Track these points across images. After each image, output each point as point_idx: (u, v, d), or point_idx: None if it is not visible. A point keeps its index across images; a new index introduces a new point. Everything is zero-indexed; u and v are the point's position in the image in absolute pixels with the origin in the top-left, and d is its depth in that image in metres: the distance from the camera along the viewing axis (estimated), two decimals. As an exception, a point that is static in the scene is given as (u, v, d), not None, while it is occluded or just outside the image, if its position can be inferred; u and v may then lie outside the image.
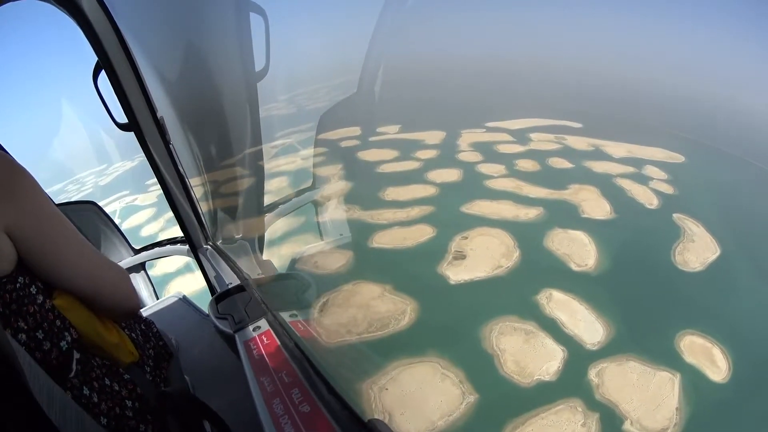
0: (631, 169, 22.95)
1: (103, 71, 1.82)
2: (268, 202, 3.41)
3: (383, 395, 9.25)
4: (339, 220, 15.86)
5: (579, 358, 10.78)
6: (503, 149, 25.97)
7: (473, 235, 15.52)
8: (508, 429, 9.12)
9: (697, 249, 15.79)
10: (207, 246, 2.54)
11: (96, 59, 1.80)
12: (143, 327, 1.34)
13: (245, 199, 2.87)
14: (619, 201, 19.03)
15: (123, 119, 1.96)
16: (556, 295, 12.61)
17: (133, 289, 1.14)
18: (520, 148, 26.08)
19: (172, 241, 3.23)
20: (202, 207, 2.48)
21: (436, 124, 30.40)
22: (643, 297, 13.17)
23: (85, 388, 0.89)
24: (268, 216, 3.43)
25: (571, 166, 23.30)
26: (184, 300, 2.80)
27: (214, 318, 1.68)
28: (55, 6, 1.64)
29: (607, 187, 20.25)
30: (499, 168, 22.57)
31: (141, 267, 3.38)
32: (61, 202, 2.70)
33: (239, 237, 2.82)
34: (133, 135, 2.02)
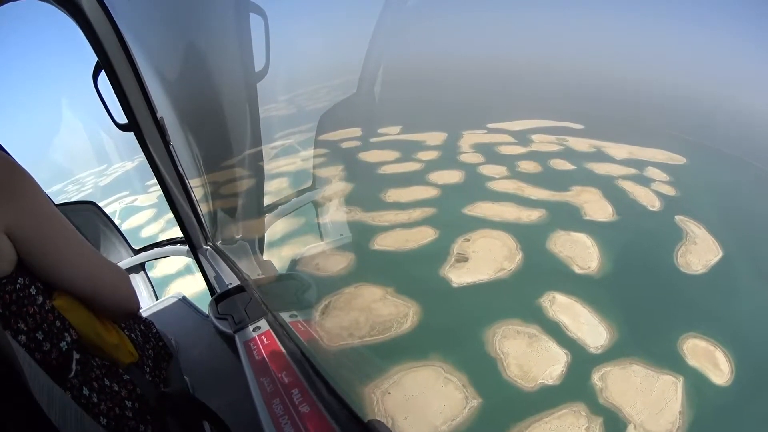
0: (632, 170, 22.96)
1: (103, 71, 1.82)
2: (268, 202, 3.41)
3: (386, 399, 9.19)
4: (340, 221, 15.84)
5: (582, 362, 10.74)
6: (505, 150, 25.97)
7: (475, 238, 15.48)
8: (511, 434, 9.07)
9: (699, 251, 15.79)
10: (207, 246, 2.54)
11: (96, 59, 1.80)
12: (143, 327, 1.34)
13: (245, 199, 2.86)
14: (622, 203, 19.03)
15: (123, 119, 1.95)
16: (560, 298, 12.56)
17: (133, 290, 1.14)
18: (522, 150, 26.09)
19: (171, 241, 3.23)
20: (202, 207, 2.47)
21: (437, 125, 30.40)
22: (646, 300, 13.14)
23: (84, 388, 0.88)
24: (268, 216, 3.43)
25: (572, 167, 23.30)
26: (183, 300, 2.80)
27: (213, 318, 1.67)
28: (56, 6, 1.63)
29: (609, 189, 20.24)
30: (501, 169, 22.57)
31: (141, 267, 3.37)
32: (60, 202, 2.69)
33: (239, 237, 2.81)
34: (133, 135, 2.01)
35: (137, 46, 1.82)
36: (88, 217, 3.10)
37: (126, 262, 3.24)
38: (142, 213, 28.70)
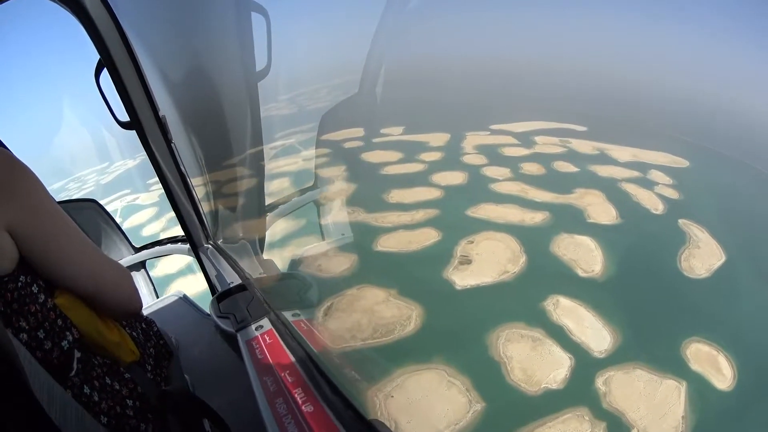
0: (636, 173, 22.93)
1: (105, 69, 1.80)
2: (270, 201, 3.40)
3: (389, 402, 9.13)
4: (343, 222, 15.76)
5: (586, 366, 10.68)
6: (508, 152, 25.94)
7: (479, 240, 15.41)
8: (515, 439, 9.03)
9: (703, 255, 15.76)
10: (208, 245, 2.52)
11: (98, 57, 1.78)
12: (144, 326, 1.34)
13: (246, 198, 2.84)
14: (625, 206, 18.98)
15: (125, 117, 1.94)
16: (563, 301, 12.49)
17: (135, 289, 1.12)
18: (525, 151, 26.07)
19: (172, 239, 3.21)
20: (204, 206, 2.46)
21: (440, 126, 30.36)
22: (649, 304, 13.09)
23: (85, 387, 0.88)
24: (270, 216, 3.41)
25: (576, 169, 23.26)
26: (184, 299, 2.81)
27: (215, 317, 1.65)
28: (58, 4, 1.62)
29: (613, 192, 20.20)
30: (504, 171, 22.52)
31: (141, 265, 3.36)
32: (61, 200, 2.70)
33: (240, 236, 2.79)
34: (135, 133, 2.00)
35: (139, 44, 1.81)
36: (89, 215, 3.08)
37: (127, 260, 3.23)
38: (143, 212, 28.67)
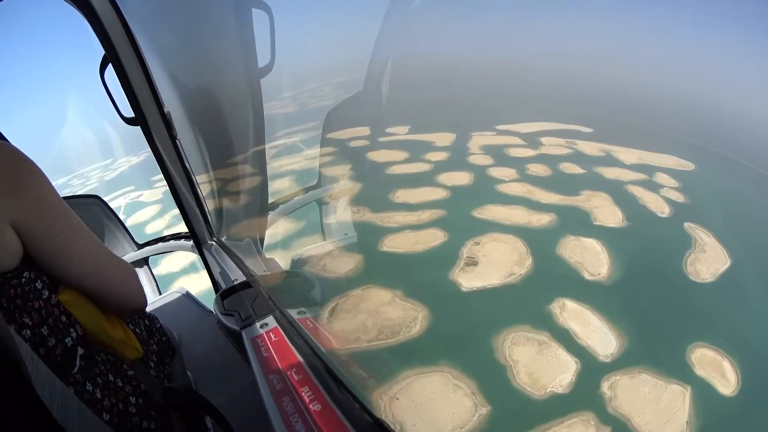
0: (642, 176, 22.81)
1: (110, 65, 1.79)
2: (274, 199, 3.41)
3: (394, 405, 9.08)
4: (348, 221, 15.71)
5: (592, 370, 10.61)
6: (514, 153, 25.78)
7: (485, 241, 15.30)
8: (520, 443, 8.98)
9: (708, 259, 15.65)
10: (212, 242, 2.51)
11: (103, 53, 1.76)
12: (147, 322, 1.34)
13: (251, 195, 2.83)
14: (631, 209, 18.86)
15: (129, 113, 1.93)
16: (569, 304, 12.40)
17: (140, 286, 1.12)
18: (531, 153, 25.91)
19: (176, 236, 3.22)
20: (208, 202, 2.46)
21: (445, 125, 30.18)
22: (655, 308, 13.03)
23: (88, 383, 0.88)
24: (275, 212, 3.40)
25: (582, 171, 23.14)
26: (187, 296, 2.81)
27: (220, 314, 1.65)
28: None
29: (619, 194, 20.07)
30: (511, 172, 22.39)
31: (144, 262, 3.36)
32: (64, 196, 2.63)
33: (245, 233, 2.78)
34: (139, 130, 1.99)
35: (145, 40, 1.79)
36: (92, 210, 3.08)
37: (130, 256, 3.23)
38: (147, 209, 28.59)
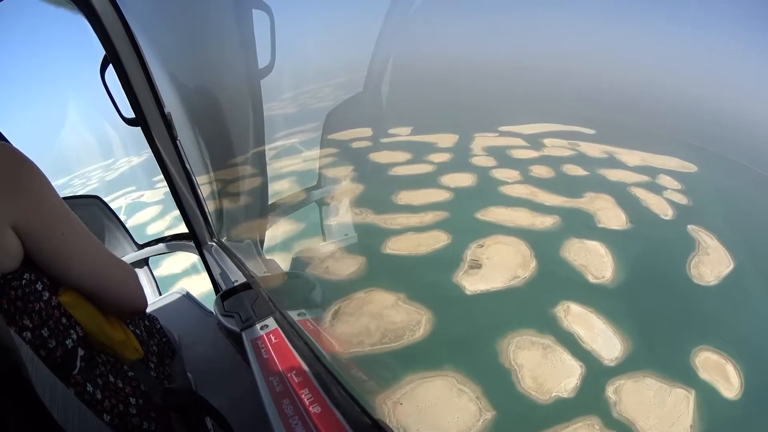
0: (645, 177, 22.79)
1: (110, 65, 1.77)
2: (275, 200, 3.41)
3: (398, 410, 9.01)
4: (350, 223, 15.64)
5: (597, 374, 10.56)
6: (517, 154, 25.74)
7: (489, 243, 15.22)
8: (526, 448, 8.93)
9: (712, 262, 15.61)
10: (212, 243, 2.50)
11: (104, 53, 1.75)
12: (147, 323, 1.34)
13: (252, 196, 2.82)
14: (635, 211, 18.81)
15: (130, 114, 1.91)
16: (574, 308, 12.33)
17: (140, 287, 1.12)
18: (534, 154, 25.88)
19: (176, 237, 3.20)
20: (208, 203, 2.44)
21: (448, 126, 30.15)
22: (659, 311, 12.96)
23: (88, 385, 0.88)
24: (275, 213, 3.41)
25: (585, 173, 23.10)
26: (187, 296, 2.78)
27: (220, 316, 1.63)
28: None
29: (622, 196, 20.02)
30: (514, 174, 22.35)
31: (144, 263, 3.31)
32: (64, 196, 2.60)
33: (245, 234, 2.77)
34: (140, 130, 1.98)
35: (145, 40, 1.78)
36: (92, 211, 3.04)
37: (130, 257, 3.19)
38: (148, 209, 28.52)
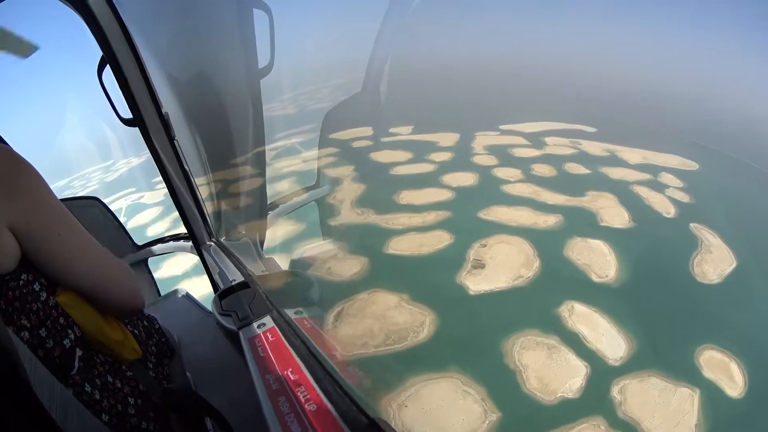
0: (647, 175, 22.75)
1: (107, 66, 1.79)
2: (273, 199, 3.44)
3: (402, 412, 8.95)
4: (352, 223, 15.58)
5: (602, 374, 10.50)
6: (518, 153, 25.65)
7: (492, 243, 15.13)
8: (531, 449, 8.87)
9: (715, 260, 15.57)
10: (210, 243, 2.52)
11: (101, 54, 1.77)
12: (146, 323, 1.34)
13: (250, 196, 2.86)
14: (637, 209, 18.75)
15: (127, 114, 1.94)
16: (578, 307, 12.27)
17: (138, 287, 1.12)
18: (536, 153, 25.79)
19: (175, 237, 3.23)
20: (207, 203, 2.47)
21: (449, 125, 30.07)
22: (663, 310, 12.91)
23: (87, 385, 0.88)
24: (273, 213, 3.44)
25: (587, 171, 23.02)
26: (186, 296, 2.80)
27: (217, 314, 1.65)
28: (60, 0, 1.63)
29: (625, 195, 19.96)
30: (516, 172, 22.27)
31: (144, 263, 3.35)
32: (63, 197, 2.67)
33: (243, 234, 2.80)
34: (139, 131, 2.01)
35: (142, 41, 1.80)
36: (91, 212, 3.09)
37: (129, 257, 3.23)
38: (148, 211, 28.38)
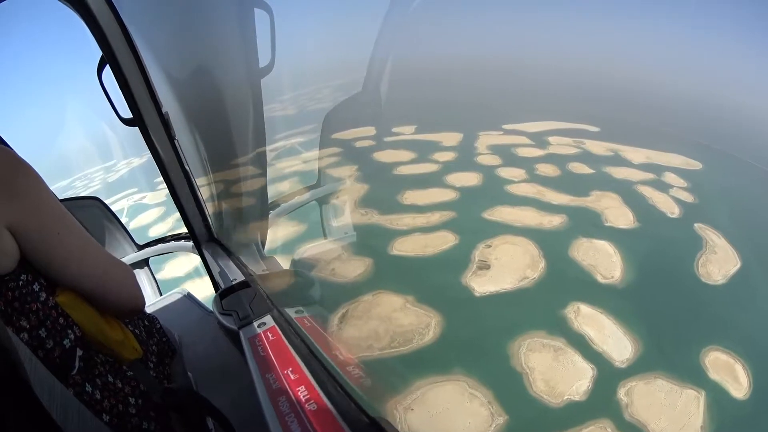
0: (650, 175, 22.71)
1: (107, 66, 1.78)
2: (274, 199, 3.43)
3: (409, 416, 8.87)
4: (354, 224, 15.49)
5: (608, 377, 10.45)
6: (522, 153, 25.60)
7: (497, 244, 15.05)
8: (539, 453, 8.81)
9: (719, 261, 15.52)
10: (211, 242, 2.53)
11: (100, 54, 1.76)
12: (146, 323, 1.34)
13: (250, 195, 2.81)
14: (642, 209, 18.70)
15: (127, 114, 1.92)
16: (584, 309, 12.19)
17: (139, 288, 1.10)
18: (539, 152, 25.73)
19: (176, 237, 3.22)
20: (207, 203, 2.46)
21: (452, 125, 30.05)
22: (668, 311, 12.84)
23: (87, 385, 0.88)
24: (274, 212, 3.41)
25: (591, 171, 22.97)
26: (188, 296, 2.79)
27: (218, 314, 1.64)
28: (59, 0, 1.61)
29: (629, 195, 19.89)
30: (520, 172, 22.19)
31: (145, 263, 3.34)
32: (64, 197, 2.67)
33: (244, 234, 2.79)
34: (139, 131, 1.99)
35: (142, 40, 1.79)
36: (91, 212, 3.07)
37: (130, 257, 3.23)
38: (150, 211, 28.32)
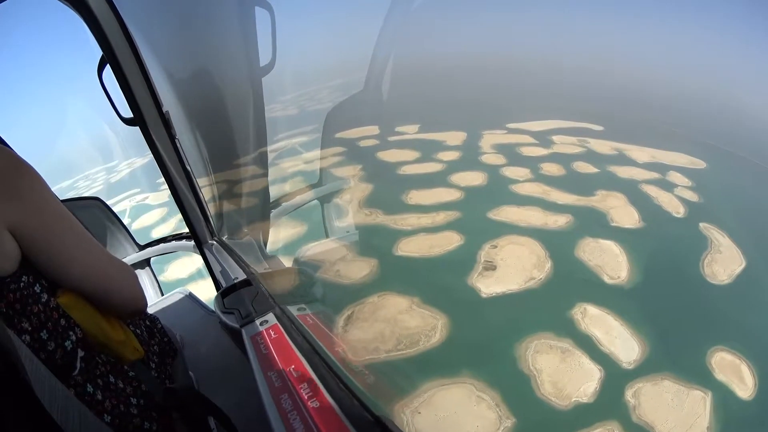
0: (655, 174, 22.59)
1: (108, 66, 1.76)
2: (276, 198, 3.42)
3: (416, 419, 8.79)
4: (359, 223, 15.42)
5: (616, 378, 10.39)
6: (526, 152, 25.45)
7: (502, 244, 14.95)
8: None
9: (725, 260, 15.47)
10: (213, 241, 2.51)
11: (101, 53, 1.74)
12: (148, 323, 1.34)
13: (252, 194, 2.82)
14: (647, 209, 18.60)
15: (128, 114, 1.90)
16: (591, 309, 12.10)
17: (140, 288, 1.10)
18: (544, 151, 25.58)
19: (177, 236, 3.21)
20: (208, 202, 2.45)
21: (456, 124, 29.91)
22: (675, 311, 12.77)
23: (88, 385, 0.86)
24: (276, 211, 3.42)
25: (596, 170, 22.82)
26: (189, 296, 2.78)
27: (220, 312, 1.63)
28: (60, 0, 1.60)
29: (634, 194, 19.78)
30: (524, 172, 22.05)
31: (146, 263, 3.34)
32: (65, 198, 2.71)
33: (246, 232, 2.78)
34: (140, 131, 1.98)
35: (142, 40, 1.78)
36: (93, 213, 3.07)
37: (131, 257, 3.22)
38: (153, 212, 28.21)
